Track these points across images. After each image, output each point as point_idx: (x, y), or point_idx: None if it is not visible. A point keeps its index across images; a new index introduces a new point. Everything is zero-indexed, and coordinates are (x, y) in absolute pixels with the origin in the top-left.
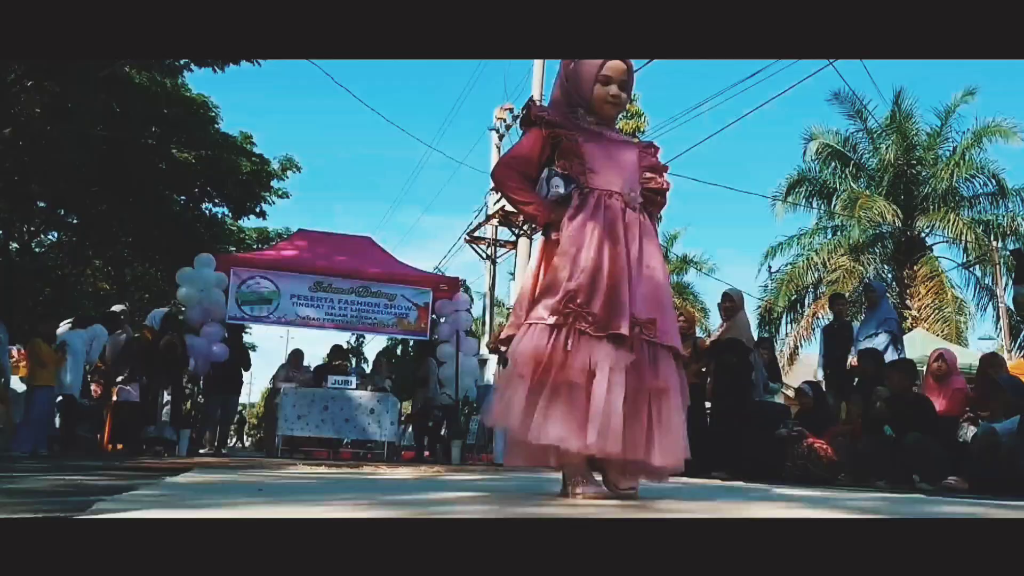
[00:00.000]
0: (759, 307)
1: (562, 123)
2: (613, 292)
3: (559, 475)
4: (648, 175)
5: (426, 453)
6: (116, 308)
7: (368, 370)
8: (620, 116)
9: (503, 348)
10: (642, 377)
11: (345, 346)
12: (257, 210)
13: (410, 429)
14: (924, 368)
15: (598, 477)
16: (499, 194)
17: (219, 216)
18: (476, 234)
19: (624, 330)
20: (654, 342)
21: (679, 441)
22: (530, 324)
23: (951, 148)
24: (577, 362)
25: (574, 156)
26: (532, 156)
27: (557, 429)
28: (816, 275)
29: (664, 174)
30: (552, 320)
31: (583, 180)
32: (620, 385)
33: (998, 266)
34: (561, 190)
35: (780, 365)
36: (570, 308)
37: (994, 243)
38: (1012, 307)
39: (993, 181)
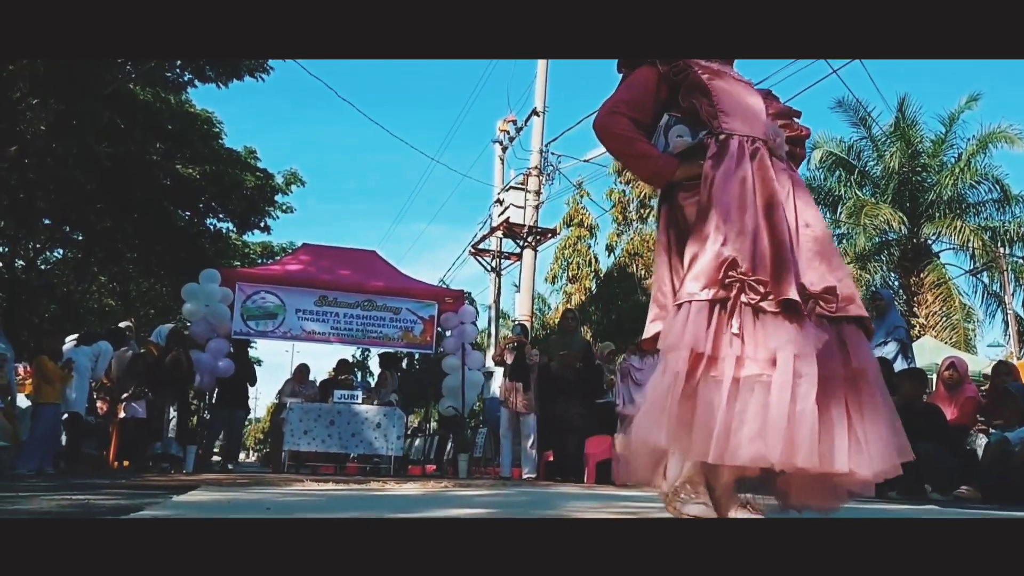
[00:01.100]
0: None
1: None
2: (779, 256)
3: (563, 488)
4: (782, 122)
5: (429, 467)
6: (122, 324)
7: (373, 384)
8: None
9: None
10: (830, 364)
11: (351, 360)
12: (261, 225)
13: (416, 443)
14: (934, 376)
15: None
16: (606, 149)
17: (224, 231)
18: (480, 246)
19: (794, 295)
20: (837, 317)
21: (891, 439)
22: (679, 305)
23: (956, 155)
24: (757, 351)
25: (701, 94)
26: (646, 99)
27: (757, 444)
28: None
29: (799, 119)
30: (709, 294)
31: (715, 124)
32: (810, 377)
33: (1006, 272)
34: (688, 139)
35: None
36: (732, 276)
37: (1001, 249)
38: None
39: (998, 187)
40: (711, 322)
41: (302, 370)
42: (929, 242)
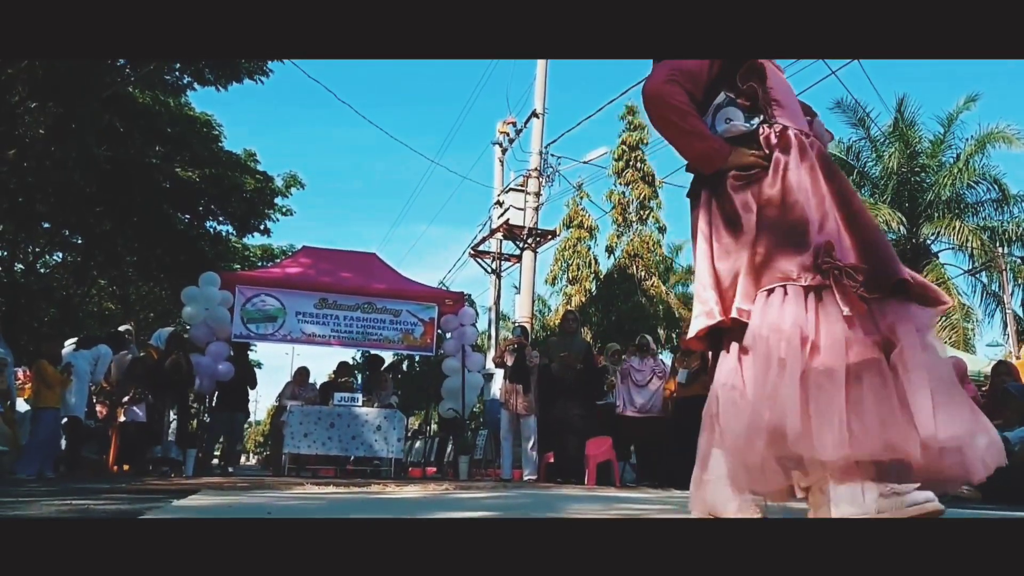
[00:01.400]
0: None
1: None
2: (870, 242)
3: (564, 490)
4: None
5: (429, 470)
6: (121, 328)
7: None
8: (622, 127)
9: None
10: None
11: (351, 362)
12: (261, 227)
13: (417, 445)
14: None
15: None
16: (655, 119)
17: (223, 234)
18: (480, 248)
19: (906, 275)
20: None
21: (983, 446)
22: (770, 290)
23: (954, 155)
24: (866, 335)
25: (760, 79)
26: (701, 73)
27: (892, 432)
28: None
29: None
30: (807, 280)
31: (770, 113)
32: (937, 349)
33: (1004, 272)
34: (741, 124)
35: None
36: (828, 261)
37: (999, 249)
38: None
39: (996, 187)
40: (808, 308)
41: (302, 373)
42: (928, 242)
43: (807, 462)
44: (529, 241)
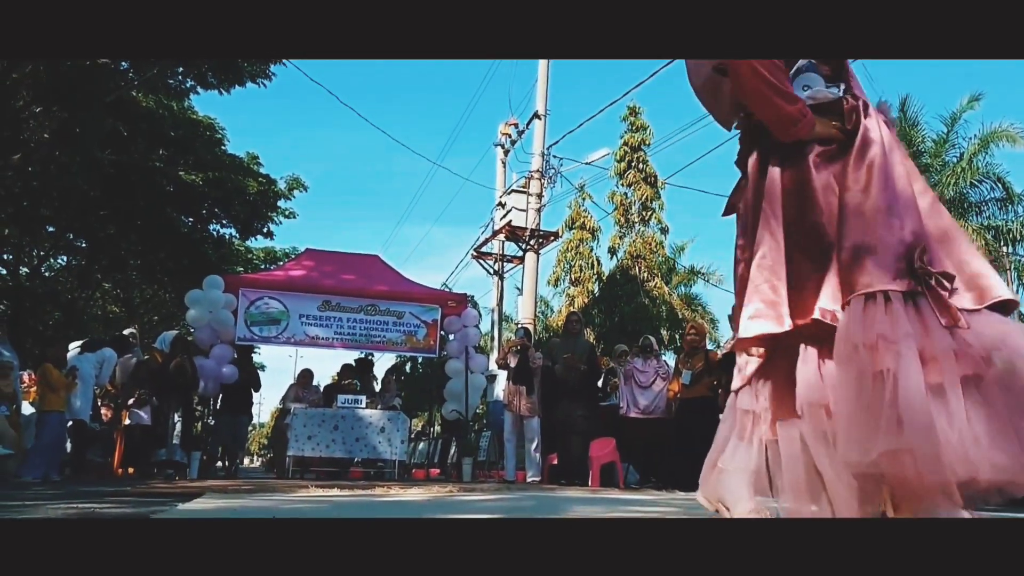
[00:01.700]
0: None
1: None
2: (958, 257)
3: (568, 492)
4: None
5: (432, 471)
6: (126, 331)
7: (377, 388)
8: (624, 128)
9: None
10: None
11: (354, 365)
12: (264, 230)
13: (420, 447)
14: None
15: None
16: (743, 74)
17: (226, 237)
18: (483, 249)
19: (1008, 294)
20: None
21: None
22: (869, 295)
23: (958, 154)
24: (970, 348)
25: None
26: None
27: (1006, 451)
28: None
29: None
30: (903, 285)
31: (851, 84)
32: None
33: (1009, 271)
34: (824, 90)
35: None
36: (922, 267)
37: (1004, 248)
38: None
39: (1000, 186)
40: (911, 316)
41: (305, 375)
42: None
43: (939, 483)
44: (531, 242)
